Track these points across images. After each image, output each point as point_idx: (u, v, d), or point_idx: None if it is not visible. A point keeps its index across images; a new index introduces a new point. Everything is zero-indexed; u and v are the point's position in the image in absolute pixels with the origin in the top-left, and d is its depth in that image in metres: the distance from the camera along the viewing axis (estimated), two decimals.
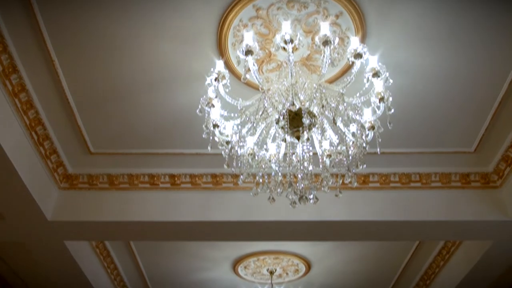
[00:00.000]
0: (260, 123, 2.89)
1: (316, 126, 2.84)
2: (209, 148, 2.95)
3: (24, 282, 6.44)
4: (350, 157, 2.80)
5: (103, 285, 5.83)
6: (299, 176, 2.82)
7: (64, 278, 5.40)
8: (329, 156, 2.89)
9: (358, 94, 2.83)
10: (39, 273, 5.97)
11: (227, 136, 2.88)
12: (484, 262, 4.94)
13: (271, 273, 5.85)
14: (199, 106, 2.85)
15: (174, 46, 3.27)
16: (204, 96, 2.86)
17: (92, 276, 5.41)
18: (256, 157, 2.89)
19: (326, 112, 2.77)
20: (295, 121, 2.75)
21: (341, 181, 2.97)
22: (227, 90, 2.88)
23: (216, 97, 2.85)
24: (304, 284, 6.09)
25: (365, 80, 2.73)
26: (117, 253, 5.75)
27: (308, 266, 5.90)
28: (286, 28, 2.69)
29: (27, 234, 4.42)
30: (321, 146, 2.90)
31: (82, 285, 5.45)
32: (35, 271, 5.99)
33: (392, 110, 2.75)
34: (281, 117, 2.75)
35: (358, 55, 2.65)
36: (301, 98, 2.75)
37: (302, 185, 2.80)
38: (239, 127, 2.88)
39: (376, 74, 2.69)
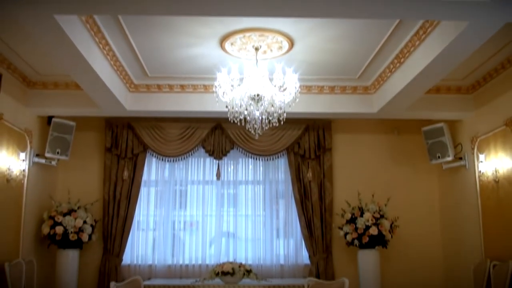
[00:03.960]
0: None
1: None
2: None
3: (21, 57, 6.75)
4: None
5: (97, 60, 6.13)
6: None
7: (60, 55, 5.66)
8: None
9: None
10: (35, 50, 6.25)
11: None
12: (458, 42, 5.22)
13: (256, 49, 6.07)
14: None
15: None
16: None
17: (86, 51, 5.63)
18: None
19: None
20: None
21: None
22: None
23: None
24: (286, 60, 6.38)
25: None
26: (108, 30, 5.89)
27: (291, 43, 6.14)
28: None
29: (18, 8, 4.48)
30: None
31: (78, 61, 5.72)
32: (31, 48, 6.27)
33: None
34: None
35: None
36: None
37: None
38: None
39: None
